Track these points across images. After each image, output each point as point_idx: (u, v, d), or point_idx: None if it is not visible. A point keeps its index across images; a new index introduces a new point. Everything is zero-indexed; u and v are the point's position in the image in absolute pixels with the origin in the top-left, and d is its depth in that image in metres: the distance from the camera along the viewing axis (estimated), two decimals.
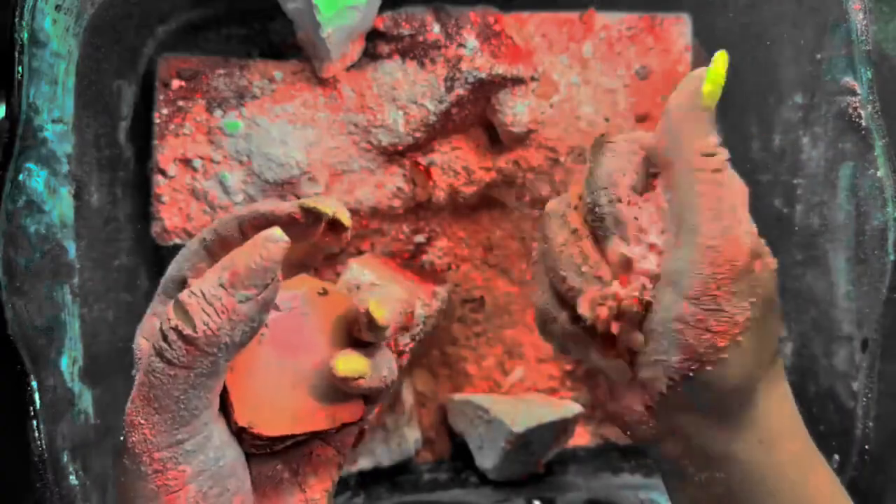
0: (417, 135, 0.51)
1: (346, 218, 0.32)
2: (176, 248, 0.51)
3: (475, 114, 0.52)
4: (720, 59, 0.33)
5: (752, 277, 0.30)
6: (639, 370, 0.33)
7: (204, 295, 0.26)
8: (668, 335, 0.31)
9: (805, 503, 0.32)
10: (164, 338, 0.26)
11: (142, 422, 0.27)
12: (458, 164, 0.52)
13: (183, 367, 0.26)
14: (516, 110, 0.51)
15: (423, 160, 0.51)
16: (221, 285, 0.26)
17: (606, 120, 0.52)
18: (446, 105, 0.50)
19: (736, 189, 0.32)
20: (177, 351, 0.26)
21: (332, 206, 0.32)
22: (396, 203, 0.52)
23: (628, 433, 0.35)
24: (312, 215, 0.32)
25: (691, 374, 0.30)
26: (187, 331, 0.26)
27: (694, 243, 0.30)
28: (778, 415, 0.33)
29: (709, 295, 0.30)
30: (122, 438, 0.28)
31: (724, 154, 0.32)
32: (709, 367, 0.30)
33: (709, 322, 0.30)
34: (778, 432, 0.32)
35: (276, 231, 0.27)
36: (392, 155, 0.51)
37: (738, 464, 0.32)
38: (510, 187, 0.54)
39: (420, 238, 0.53)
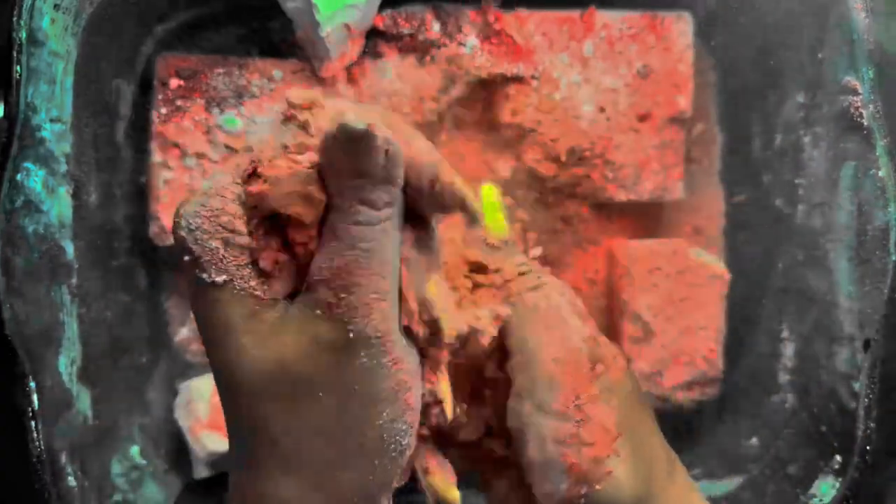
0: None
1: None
2: (174, 249, 0.51)
3: (475, 113, 0.51)
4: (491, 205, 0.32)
5: (605, 380, 0.30)
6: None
7: (386, 136, 0.25)
8: (551, 462, 0.29)
9: None
10: (360, 199, 0.25)
11: (378, 301, 0.25)
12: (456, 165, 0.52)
13: (386, 208, 0.25)
14: (516, 109, 0.50)
15: None
16: (375, 140, 0.25)
17: (607, 119, 0.52)
18: (446, 104, 0.50)
19: (556, 301, 0.31)
20: (376, 196, 0.25)
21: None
22: None
23: None
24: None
25: (582, 500, 0.29)
26: (373, 179, 0.25)
27: (538, 360, 0.30)
28: None
29: (574, 405, 0.29)
30: (349, 333, 0.25)
31: (539, 269, 0.31)
32: (598, 488, 0.29)
33: (582, 435, 0.29)
34: None
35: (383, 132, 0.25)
36: None
37: None
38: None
39: None
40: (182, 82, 0.50)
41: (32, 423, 0.41)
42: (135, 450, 0.50)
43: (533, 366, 0.30)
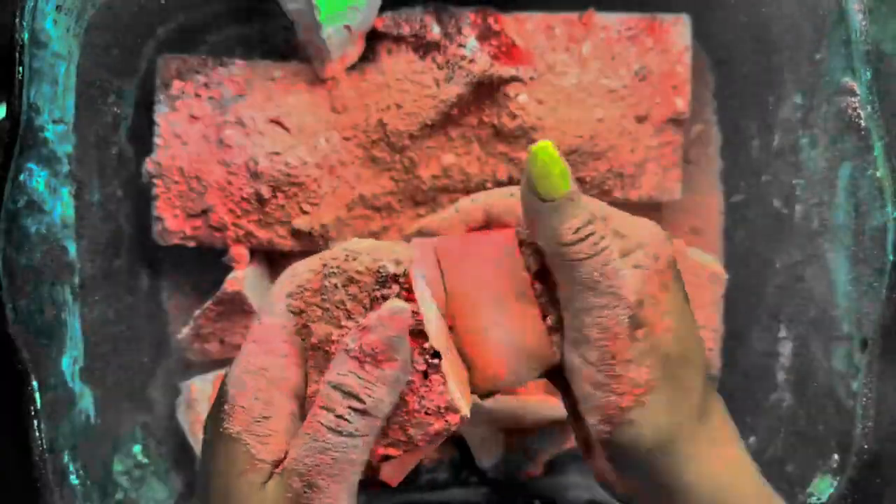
0: (417, 134, 0.51)
1: None
2: (176, 249, 0.51)
3: (475, 113, 0.52)
4: (539, 155, 0.31)
5: (644, 343, 0.32)
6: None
7: (359, 375, 0.29)
8: (585, 397, 0.33)
9: None
10: (338, 416, 0.29)
11: (331, 499, 0.29)
12: (456, 165, 0.52)
13: (362, 436, 0.29)
14: (516, 110, 0.51)
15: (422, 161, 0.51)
16: (367, 363, 0.30)
17: (605, 120, 0.52)
18: (446, 105, 0.50)
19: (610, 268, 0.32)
20: (355, 423, 0.29)
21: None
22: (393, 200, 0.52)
23: (608, 491, 0.36)
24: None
25: (607, 436, 0.32)
26: (359, 405, 0.29)
27: (582, 321, 0.32)
28: (715, 474, 0.33)
29: (606, 364, 0.32)
30: None
31: (592, 232, 0.32)
32: (620, 429, 0.32)
33: (611, 385, 0.32)
34: (714, 494, 0.33)
35: (400, 303, 0.30)
36: (392, 154, 0.51)
37: None
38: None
39: None
40: (184, 83, 0.51)
41: (35, 422, 0.41)
42: (137, 448, 0.50)
43: (577, 324, 0.32)
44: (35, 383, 0.41)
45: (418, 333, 0.31)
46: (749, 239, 0.55)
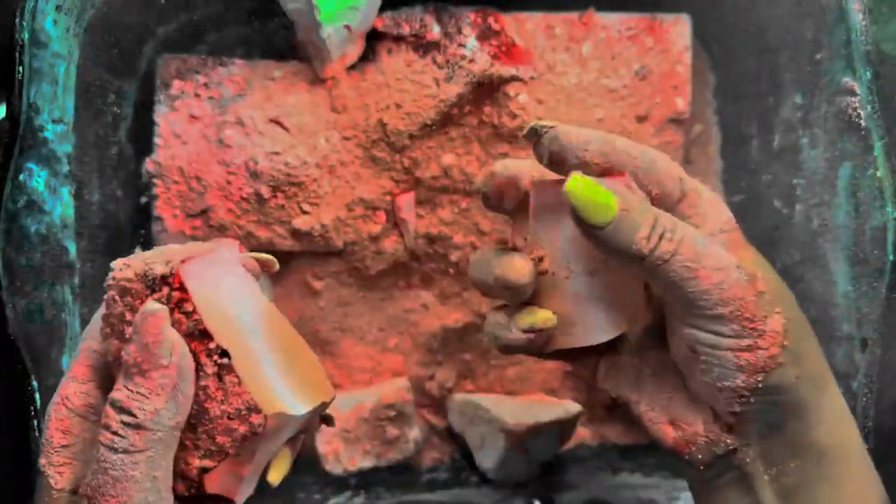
0: (417, 134, 0.51)
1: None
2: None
3: (475, 113, 0.52)
4: (574, 192, 0.32)
5: (767, 296, 0.33)
6: (695, 397, 0.35)
7: (129, 389, 0.29)
8: (724, 363, 0.33)
9: (872, 478, 0.35)
10: (113, 432, 0.29)
11: None
12: (456, 165, 0.52)
13: (139, 452, 0.29)
14: (516, 110, 0.51)
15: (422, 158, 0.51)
16: (134, 374, 0.29)
17: (606, 120, 0.52)
18: (446, 105, 0.50)
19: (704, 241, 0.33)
20: (129, 439, 0.29)
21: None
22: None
23: (688, 457, 0.35)
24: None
25: (760, 385, 0.32)
26: (132, 420, 0.29)
27: (703, 304, 0.32)
28: (840, 398, 0.35)
29: (747, 329, 0.32)
30: None
31: (663, 230, 0.32)
32: (773, 374, 0.32)
33: (758, 343, 0.32)
34: (845, 414, 0.35)
35: (150, 305, 0.29)
36: (392, 154, 0.51)
37: (815, 448, 0.34)
38: None
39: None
40: (184, 83, 0.51)
41: (35, 422, 0.41)
42: None
43: (705, 310, 0.32)
44: (35, 383, 0.41)
45: (200, 334, 0.30)
46: (749, 239, 0.55)
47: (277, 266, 0.37)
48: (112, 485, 0.28)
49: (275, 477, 0.33)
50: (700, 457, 0.35)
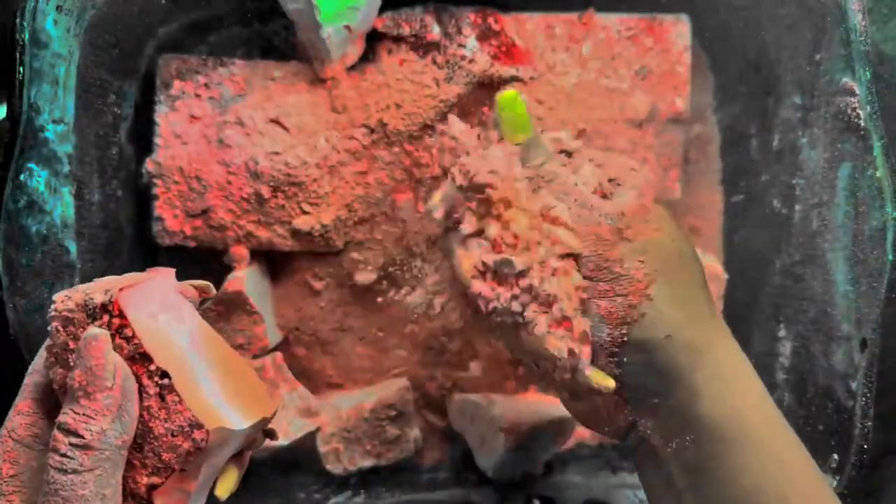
0: (417, 134, 0.51)
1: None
2: (176, 249, 0.51)
3: (475, 113, 0.52)
4: (505, 107, 0.38)
5: (636, 243, 0.35)
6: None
7: (75, 411, 0.30)
8: (591, 315, 0.34)
9: (773, 462, 0.33)
10: (61, 454, 0.29)
11: None
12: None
13: (88, 471, 0.29)
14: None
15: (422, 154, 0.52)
16: (80, 397, 0.30)
17: (606, 120, 0.52)
18: (446, 105, 0.50)
19: (575, 180, 0.37)
20: (77, 459, 0.29)
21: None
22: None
23: (607, 429, 0.37)
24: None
25: (625, 338, 0.34)
26: (79, 441, 0.30)
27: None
28: (731, 369, 0.35)
29: (602, 269, 0.34)
30: None
31: (549, 160, 0.37)
32: (636, 326, 0.34)
33: (615, 288, 0.34)
34: (734, 385, 0.35)
35: (92, 330, 0.30)
36: (392, 154, 0.51)
37: (703, 422, 0.33)
38: None
39: None
40: (184, 83, 0.51)
41: None
42: None
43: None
44: None
45: (141, 357, 0.31)
46: (748, 239, 0.55)
47: (214, 291, 0.38)
48: None
49: (222, 491, 0.34)
50: (606, 429, 0.37)
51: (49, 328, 0.32)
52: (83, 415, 0.30)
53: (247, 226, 0.50)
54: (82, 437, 0.29)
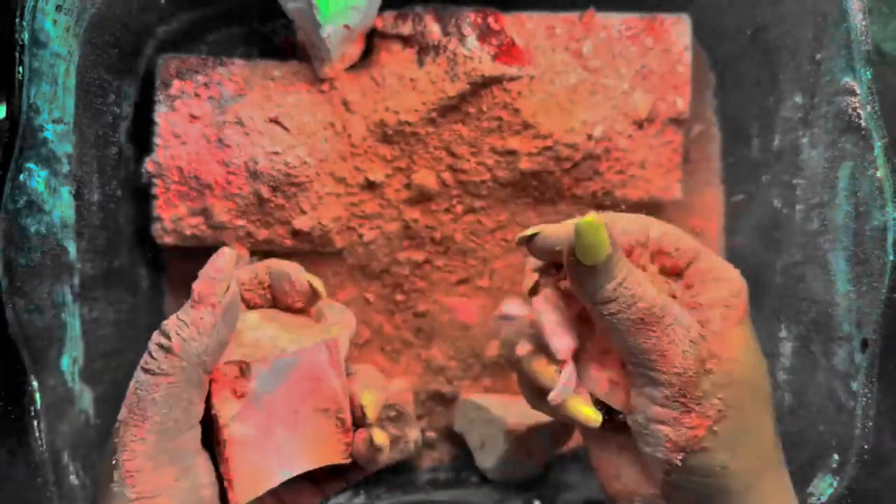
0: (417, 133, 0.51)
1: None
2: (176, 248, 0.51)
3: (475, 113, 0.52)
4: (587, 231, 0.33)
5: (716, 376, 0.33)
6: (643, 457, 0.35)
7: (178, 316, 0.31)
8: (653, 434, 0.34)
9: None
10: (149, 353, 0.31)
11: (131, 437, 0.30)
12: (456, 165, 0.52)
13: (163, 375, 0.30)
14: (516, 111, 0.51)
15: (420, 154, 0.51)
16: (190, 305, 0.31)
17: (606, 120, 0.52)
18: (446, 105, 0.50)
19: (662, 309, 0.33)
20: (158, 361, 0.30)
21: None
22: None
23: None
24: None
25: (679, 462, 0.33)
26: (166, 342, 0.30)
27: (650, 368, 0.33)
28: (780, 495, 0.35)
29: (678, 402, 0.33)
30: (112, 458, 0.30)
31: (625, 288, 0.33)
32: (694, 456, 0.33)
33: (683, 420, 0.33)
34: None
35: (225, 249, 0.32)
36: (392, 154, 0.51)
37: None
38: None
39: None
40: (183, 83, 0.51)
41: (34, 422, 0.41)
42: None
43: (646, 369, 0.33)
44: (35, 383, 0.41)
45: None
46: (749, 239, 0.55)
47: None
48: (136, 403, 0.30)
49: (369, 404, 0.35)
50: None
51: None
52: (180, 319, 0.31)
53: (246, 226, 0.50)
54: (170, 339, 0.30)
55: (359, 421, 0.36)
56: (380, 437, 0.35)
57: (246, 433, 0.33)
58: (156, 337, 0.31)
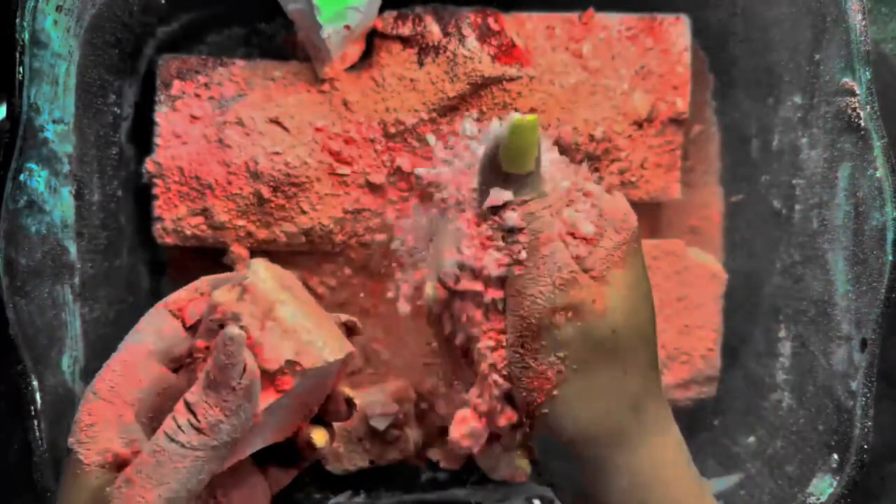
0: (418, 133, 0.51)
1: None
2: (176, 248, 0.51)
3: (475, 114, 0.52)
4: (523, 130, 0.30)
5: (558, 332, 0.31)
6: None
7: (202, 395, 0.31)
8: (496, 384, 0.33)
9: None
10: (178, 425, 0.31)
11: (136, 498, 0.30)
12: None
13: (192, 449, 0.31)
14: (515, 110, 0.51)
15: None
16: (209, 385, 0.31)
17: (606, 120, 0.52)
18: (446, 105, 0.50)
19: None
20: (188, 436, 0.31)
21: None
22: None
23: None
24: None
25: (528, 429, 0.32)
26: (195, 423, 0.31)
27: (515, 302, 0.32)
28: (649, 475, 0.32)
29: (517, 355, 0.31)
30: None
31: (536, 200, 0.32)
32: (538, 422, 0.32)
33: (523, 381, 0.31)
34: (651, 475, 0.32)
35: (231, 329, 0.31)
36: (392, 154, 0.51)
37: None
38: None
39: None
40: (184, 83, 0.51)
41: (35, 421, 0.41)
42: None
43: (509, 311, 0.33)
44: (35, 383, 0.41)
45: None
46: (748, 239, 0.55)
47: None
48: (153, 467, 0.31)
49: (319, 440, 0.37)
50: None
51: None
52: (205, 402, 0.31)
53: (247, 226, 0.50)
54: (199, 420, 0.31)
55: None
56: (320, 439, 0.37)
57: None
58: (183, 411, 0.31)
